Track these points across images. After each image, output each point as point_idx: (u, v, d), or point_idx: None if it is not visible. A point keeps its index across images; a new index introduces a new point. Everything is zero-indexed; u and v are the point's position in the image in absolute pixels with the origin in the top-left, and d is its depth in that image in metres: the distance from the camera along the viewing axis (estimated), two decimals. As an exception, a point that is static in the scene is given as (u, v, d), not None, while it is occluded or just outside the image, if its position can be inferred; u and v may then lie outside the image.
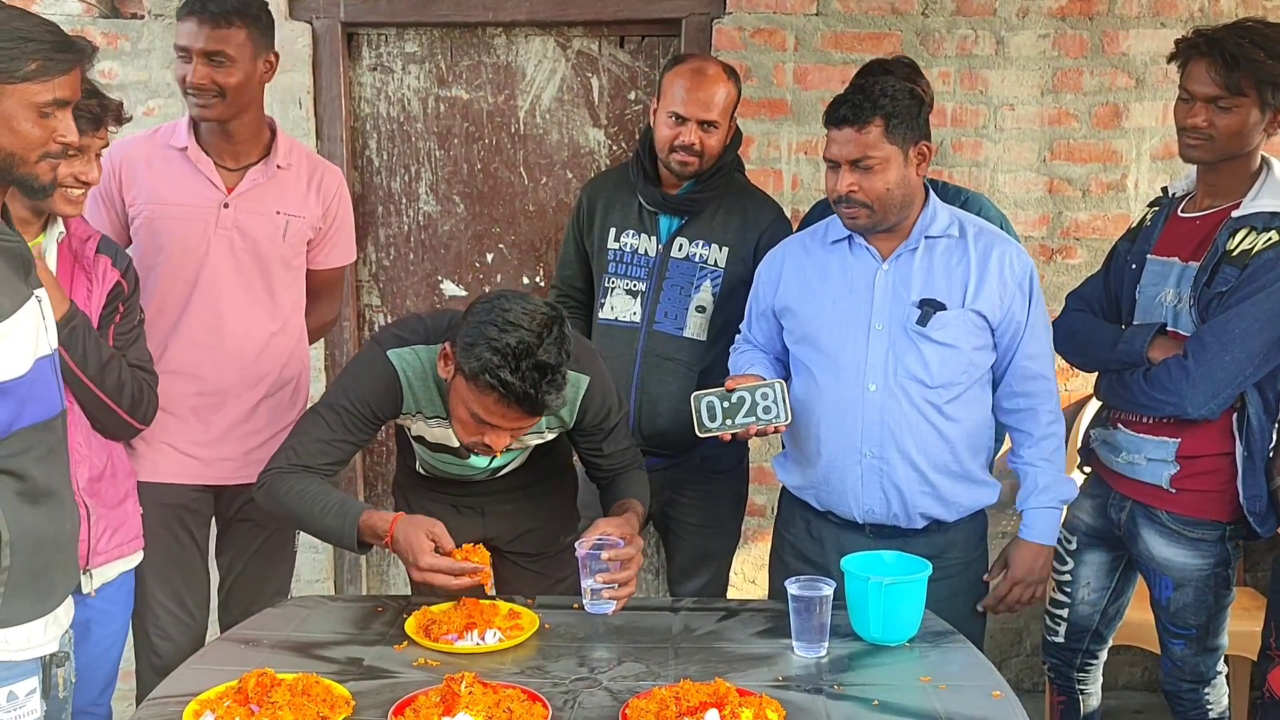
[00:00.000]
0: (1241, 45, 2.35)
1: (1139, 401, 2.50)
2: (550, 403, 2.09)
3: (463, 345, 2.09)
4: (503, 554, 2.60)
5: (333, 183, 2.75)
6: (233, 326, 2.63)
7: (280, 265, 2.68)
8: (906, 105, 2.32)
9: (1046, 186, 3.61)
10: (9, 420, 1.74)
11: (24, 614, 1.77)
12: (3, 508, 1.71)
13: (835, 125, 2.33)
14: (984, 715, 1.84)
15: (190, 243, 2.59)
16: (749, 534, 3.56)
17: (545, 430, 2.37)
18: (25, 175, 1.77)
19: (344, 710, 1.82)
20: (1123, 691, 3.75)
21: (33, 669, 1.80)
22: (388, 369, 2.26)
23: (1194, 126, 2.42)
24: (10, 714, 1.78)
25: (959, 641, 2.15)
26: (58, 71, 1.75)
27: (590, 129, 3.70)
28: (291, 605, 2.39)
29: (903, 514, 2.40)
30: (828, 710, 1.86)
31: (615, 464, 2.47)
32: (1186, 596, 2.54)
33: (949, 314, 2.35)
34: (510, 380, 2.03)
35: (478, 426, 2.14)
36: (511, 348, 2.03)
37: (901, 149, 2.31)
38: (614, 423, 2.42)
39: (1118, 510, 2.62)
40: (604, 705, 1.87)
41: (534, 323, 2.07)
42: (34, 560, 1.76)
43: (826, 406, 2.42)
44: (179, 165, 2.61)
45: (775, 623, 2.20)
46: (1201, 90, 2.40)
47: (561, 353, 2.08)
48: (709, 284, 2.80)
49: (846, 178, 2.32)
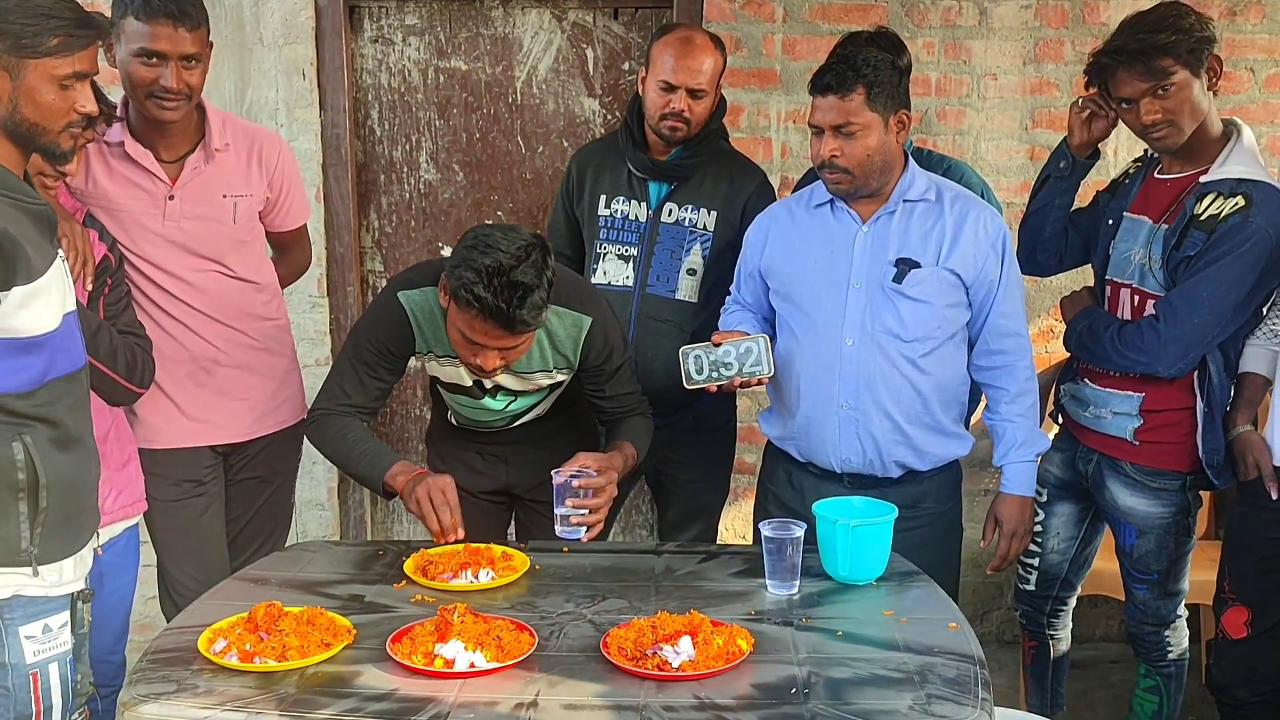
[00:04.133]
0: (1141, 40, 2.44)
1: (1111, 359, 2.61)
2: (525, 318, 2.22)
3: (449, 269, 2.25)
4: (524, 501, 2.76)
5: (272, 152, 2.72)
6: (200, 301, 2.66)
7: (235, 244, 2.68)
8: (888, 75, 2.43)
9: (1028, 154, 3.71)
10: (43, 371, 1.87)
11: (58, 552, 1.92)
12: (40, 454, 1.86)
13: (820, 92, 2.44)
14: (940, 644, 1.96)
15: (139, 238, 2.58)
16: (738, 491, 3.68)
17: (554, 370, 2.51)
18: (48, 144, 1.89)
19: (345, 639, 1.95)
20: (1100, 643, 3.87)
21: (64, 604, 1.95)
22: (397, 309, 2.43)
23: (1151, 122, 2.50)
24: (45, 644, 1.92)
25: (924, 581, 2.27)
26: (78, 47, 1.86)
27: (585, 99, 3.80)
28: (297, 549, 2.53)
29: (878, 462, 2.52)
30: (795, 640, 1.99)
31: (618, 407, 2.61)
32: (1149, 543, 2.66)
33: (923, 271, 2.46)
34: (484, 295, 2.18)
35: (468, 347, 2.30)
36: (488, 267, 2.19)
37: (882, 116, 2.42)
38: (616, 365, 2.55)
39: (1085, 462, 2.74)
40: (587, 635, 2.00)
41: (513, 246, 2.22)
42: (66, 502, 1.91)
43: (806, 360, 2.54)
44: (119, 161, 2.56)
45: (751, 564, 2.33)
46: (1136, 90, 2.48)
47: (541, 276, 2.22)
48: (699, 247, 2.91)
49: (830, 143, 2.43)
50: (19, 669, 1.88)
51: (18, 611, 1.87)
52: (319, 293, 3.76)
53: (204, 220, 2.63)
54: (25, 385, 1.84)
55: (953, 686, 1.81)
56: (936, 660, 1.90)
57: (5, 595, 1.86)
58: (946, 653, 1.93)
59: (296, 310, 3.74)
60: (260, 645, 1.89)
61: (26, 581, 1.88)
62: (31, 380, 1.85)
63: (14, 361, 1.83)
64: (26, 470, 1.84)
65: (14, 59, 1.81)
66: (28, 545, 1.86)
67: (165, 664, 1.88)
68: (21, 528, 1.85)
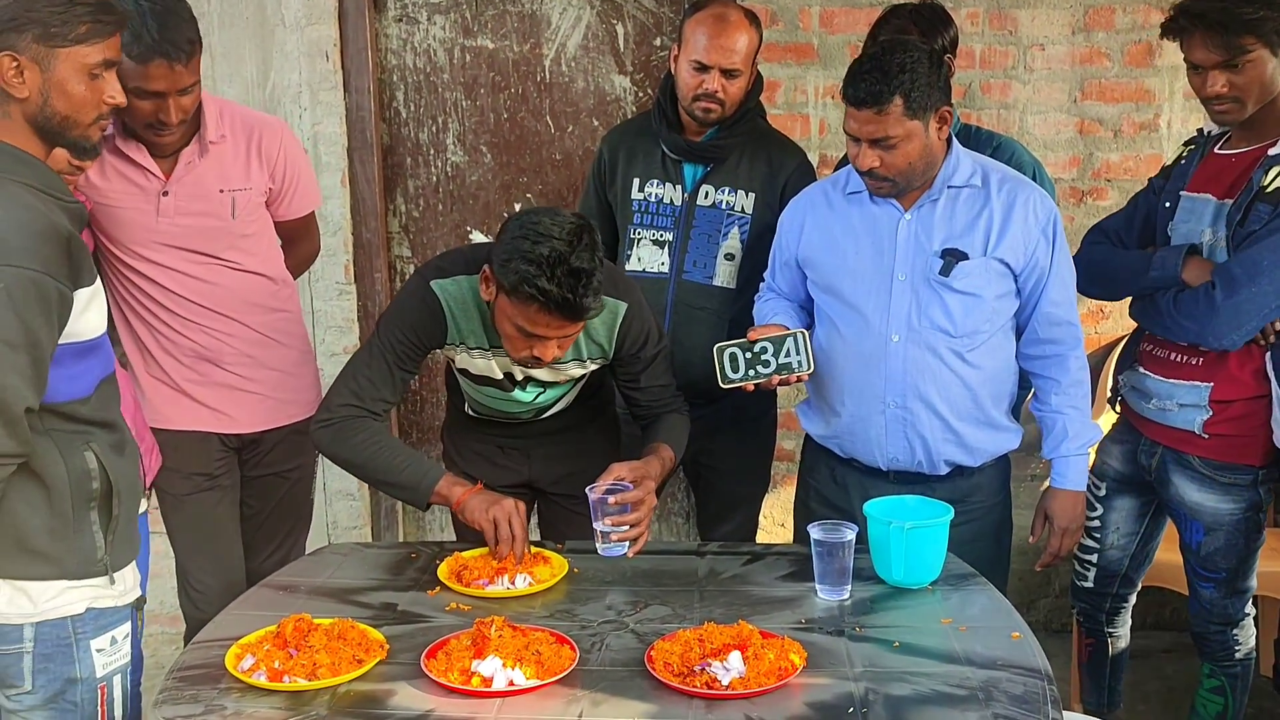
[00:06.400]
0: (1226, 11, 2.32)
1: (1164, 323, 2.49)
2: (589, 304, 2.14)
3: (499, 263, 2.15)
4: (546, 495, 2.67)
5: (273, 141, 2.61)
6: (201, 295, 2.58)
7: (237, 239, 2.58)
8: (925, 74, 2.25)
9: (1077, 127, 3.57)
10: (97, 374, 1.84)
11: (125, 558, 1.90)
12: (107, 461, 1.82)
13: (854, 105, 2.28)
14: (1003, 656, 1.86)
15: (136, 234, 2.51)
16: (777, 478, 3.59)
17: (587, 360, 2.41)
18: (78, 138, 1.82)
19: (378, 654, 1.88)
20: (1151, 631, 3.75)
21: (127, 614, 1.92)
22: (431, 298, 2.32)
23: (1216, 95, 2.39)
24: (112, 656, 1.88)
25: (980, 584, 2.17)
26: (106, 33, 1.79)
27: (616, 76, 3.68)
28: (328, 552, 2.46)
29: (926, 461, 2.42)
30: (849, 652, 1.89)
31: (654, 400, 2.50)
32: (1217, 541, 2.55)
33: (972, 263, 2.34)
34: (548, 288, 2.08)
35: (525, 340, 2.20)
36: (545, 256, 2.09)
37: (923, 121, 2.27)
38: (652, 353, 2.45)
39: (1148, 456, 2.62)
40: (630, 647, 1.92)
41: (564, 231, 2.12)
42: (129, 506, 1.89)
43: (850, 357, 2.43)
44: (111, 157, 2.47)
45: (799, 566, 2.23)
46: (1207, 59, 2.37)
47: (594, 258, 2.14)
48: (736, 231, 2.81)
49: (868, 155, 2.29)
50: (89, 682, 1.86)
51: (89, 625, 1.84)
52: (346, 280, 3.68)
53: (200, 216, 2.53)
54: (85, 391, 1.81)
55: (1020, 705, 1.71)
56: (1001, 675, 1.80)
57: (79, 610, 1.83)
58: (1011, 666, 1.83)
59: (323, 298, 3.67)
60: (290, 663, 1.82)
61: (101, 592, 1.85)
62: (90, 385, 1.82)
63: (75, 367, 1.79)
64: (100, 478, 1.81)
65: (44, 49, 1.74)
66: (103, 554, 1.83)
67: (192, 682, 1.82)
68: (97, 537, 1.83)
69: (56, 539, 1.78)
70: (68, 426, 1.79)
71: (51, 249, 1.69)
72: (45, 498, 1.77)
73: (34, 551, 1.77)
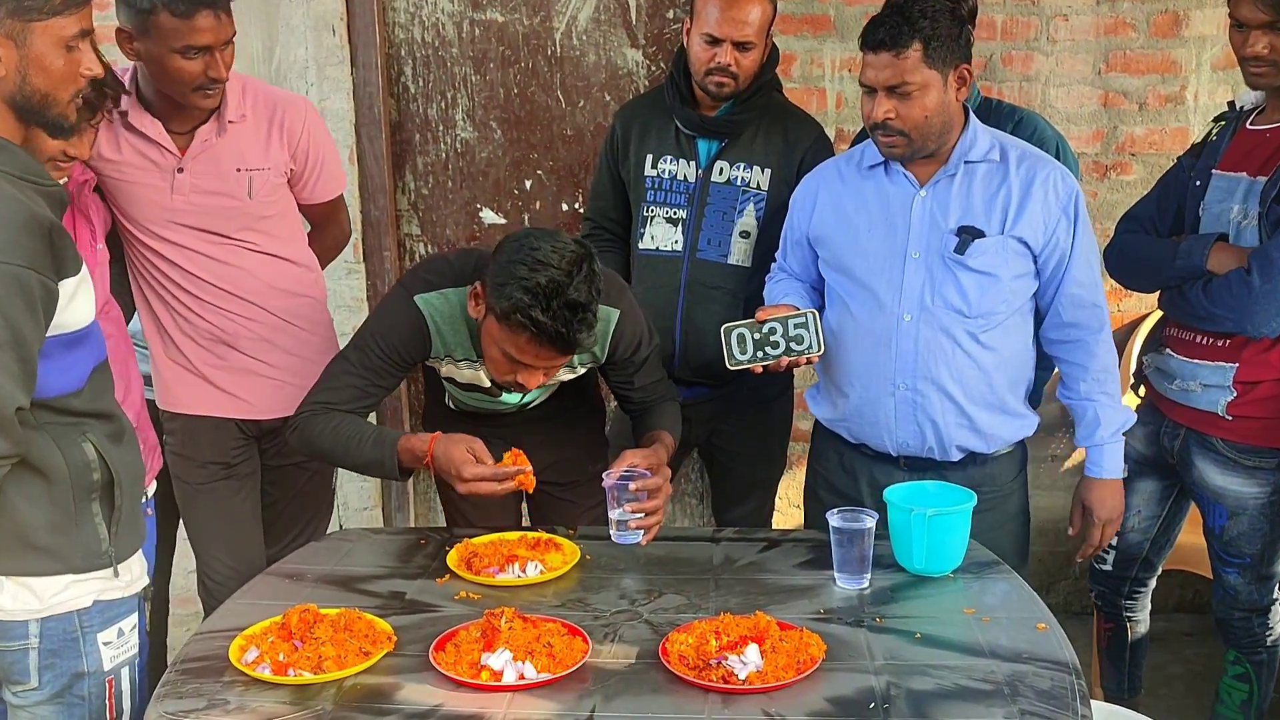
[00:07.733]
0: None
1: (1197, 314, 2.42)
2: (582, 340, 2.07)
3: (493, 285, 2.07)
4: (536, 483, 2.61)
5: (297, 121, 2.55)
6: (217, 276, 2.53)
7: (255, 220, 2.53)
8: (947, 27, 2.20)
9: (1101, 100, 3.48)
10: (91, 363, 1.80)
11: (129, 548, 1.87)
12: (105, 451, 1.79)
13: (871, 49, 2.22)
14: (1028, 648, 1.81)
15: (152, 212, 2.47)
16: (794, 459, 3.53)
17: (578, 366, 2.35)
18: (56, 116, 1.77)
19: (385, 645, 1.83)
20: (1173, 614, 3.70)
21: (134, 605, 1.90)
22: (415, 315, 2.25)
23: (1256, 55, 2.32)
24: (119, 649, 1.86)
25: (1004, 572, 2.12)
26: (81, 2, 1.73)
27: (628, 50, 3.61)
28: (335, 539, 2.42)
29: (938, 447, 2.36)
30: (869, 644, 1.84)
31: (647, 396, 2.46)
32: (1241, 525, 2.49)
33: (988, 241, 2.27)
34: (542, 320, 2.01)
35: (510, 366, 2.13)
36: (542, 286, 2.01)
37: (941, 73, 2.21)
38: (645, 355, 2.39)
39: (1171, 438, 2.56)
40: (644, 639, 1.87)
41: (563, 260, 2.04)
42: (132, 495, 1.86)
43: (860, 337, 2.37)
44: (127, 133, 2.43)
45: (817, 553, 2.18)
46: (1253, 18, 2.30)
47: (591, 290, 2.06)
48: (752, 208, 2.74)
49: (883, 104, 2.23)
50: (97, 676, 1.84)
51: (96, 618, 1.82)
52: (354, 259, 3.63)
53: (215, 195, 2.48)
54: (78, 383, 1.78)
55: (1048, 700, 1.66)
56: (1027, 669, 1.75)
57: (86, 604, 1.81)
58: (1037, 659, 1.78)
59: (332, 278, 3.60)
60: (295, 655, 1.77)
61: (106, 585, 1.83)
62: (81, 377, 1.78)
63: (65, 359, 1.75)
64: (100, 469, 1.78)
65: (19, 24, 1.68)
66: (107, 546, 1.81)
67: (195, 675, 1.78)
68: (100, 529, 1.80)
69: (59, 533, 1.75)
70: (62, 420, 1.75)
71: (33, 241, 1.64)
72: (46, 492, 1.73)
73: (37, 547, 1.74)
